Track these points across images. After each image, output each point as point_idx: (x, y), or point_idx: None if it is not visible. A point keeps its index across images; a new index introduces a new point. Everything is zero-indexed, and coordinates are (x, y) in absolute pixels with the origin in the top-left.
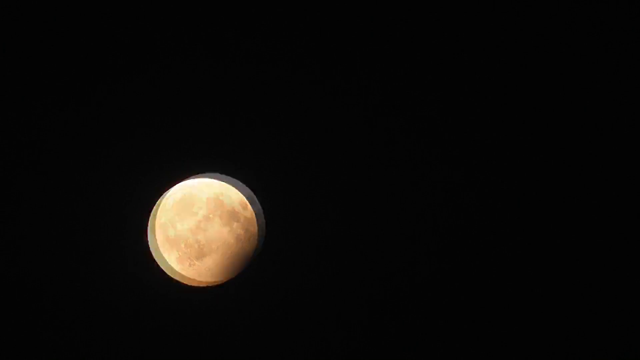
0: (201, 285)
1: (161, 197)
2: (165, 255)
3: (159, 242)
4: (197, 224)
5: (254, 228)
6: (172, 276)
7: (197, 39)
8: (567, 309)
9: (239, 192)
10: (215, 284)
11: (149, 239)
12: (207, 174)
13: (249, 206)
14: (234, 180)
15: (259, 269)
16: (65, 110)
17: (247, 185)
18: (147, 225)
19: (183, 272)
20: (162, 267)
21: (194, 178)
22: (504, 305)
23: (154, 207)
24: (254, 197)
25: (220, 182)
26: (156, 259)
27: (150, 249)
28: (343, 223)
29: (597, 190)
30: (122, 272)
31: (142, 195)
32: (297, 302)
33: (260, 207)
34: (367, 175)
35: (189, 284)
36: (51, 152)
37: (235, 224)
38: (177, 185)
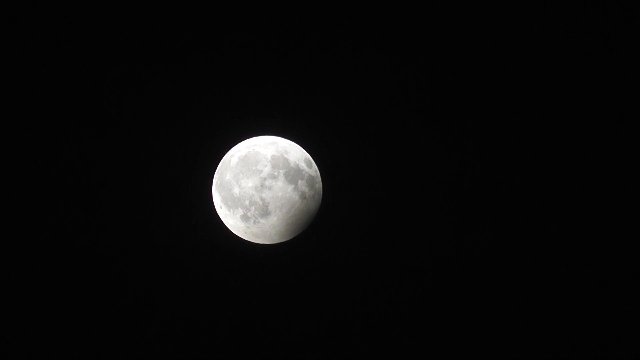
0: (265, 243)
1: (225, 155)
2: (230, 213)
3: (223, 200)
4: (261, 181)
5: (319, 185)
6: (236, 234)
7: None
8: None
9: (303, 150)
10: (280, 241)
11: (213, 197)
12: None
13: (314, 164)
14: (295, 144)
15: (324, 226)
16: (146, 74)
17: (307, 150)
18: (211, 183)
19: (247, 230)
20: (227, 225)
21: (257, 137)
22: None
23: (218, 165)
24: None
25: (284, 139)
26: (220, 216)
27: (215, 206)
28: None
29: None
30: (187, 230)
31: (207, 153)
32: (359, 259)
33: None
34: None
35: (254, 242)
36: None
37: (300, 182)
38: (240, 143)
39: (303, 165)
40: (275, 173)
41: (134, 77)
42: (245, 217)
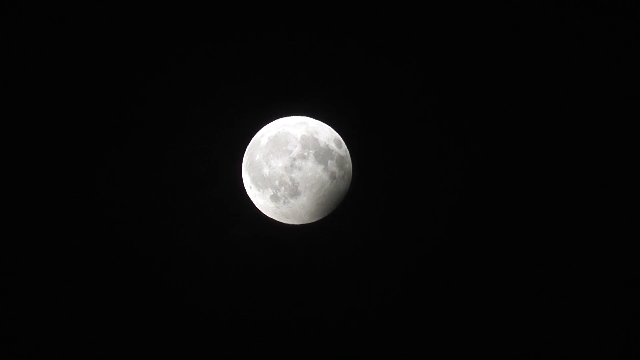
0: (295, 223)
1: (255, 135)
2: (260, 193)
3: (253, 180)
4: (291, 161)
5: (349, 166)
6: (266, 214)
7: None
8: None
9: (333, 130)
10: (310, 221)
11: (243, 177)
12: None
13: (344, 144)
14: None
15: (353, 206)
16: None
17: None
18: (241, 163)
19: (277, 210)
20: (257, 205)
21: (286, 117)
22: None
23: (248, 145)
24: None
25: (314, 119)
26: (250, 197)
27: (245, 186)
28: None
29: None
30: (217, 210)
31: (236, 133)
32: (389, 239)
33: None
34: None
35: (283, 222)
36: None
37: (329, 162)
38: (270, 123)
39: (333, 145)
40: (305, 153)
41: (165, 56)
42: (275, 197)
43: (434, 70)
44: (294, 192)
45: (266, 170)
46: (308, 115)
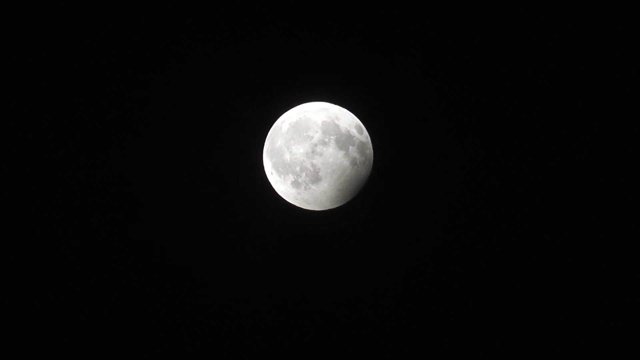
0: (316, 209)
1: (276, 122)
2: (281, 179)
3: (274, 166)
4: (312, 147)
5: (370, 152)
6: (287, 200)
7: None
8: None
9: (354, 116)
10: (331, 207)
11: (264, 163)
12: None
13: (365, 130)
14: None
15: (374, 192)
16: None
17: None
18: (262, 149)
19: (298, 196)
20: (278, 191)
21: (307, 103)
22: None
23: (269, 131)
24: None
25: (335, 105)
26: (271, 182)
27: (266, 173)
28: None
29: None
30: (237, 196)
31: (258, 119)
32: (410, 225)
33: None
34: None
35: (304, 208)
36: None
37: (351, 148)
38: (291, 109)
39: (354, 131)
40: (326, 139)
41: (185, 43)
42: (296, 183)
43: (459, 55)
44: (315, 178)
45: (287, 156)
46: (329, 101)
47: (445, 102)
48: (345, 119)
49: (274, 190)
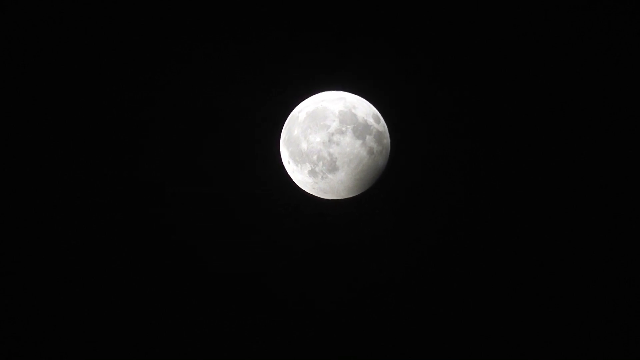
0: (333, 198)
1: (293, 111)
2: (298, 168)
3: (291, 155)
4: (329, 137)
5: (387, 141)
6: (304, 189)
7: None
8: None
9: (371, 105)
10: (348, 196)
11: (281, 152)
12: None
13: (382, 119)
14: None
15: (391, 182)
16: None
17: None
18: (279, 138)
19: (315, 185)
20: (295, 180)
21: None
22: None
23: (286, 120)
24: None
25: (353, 95)
26: (288, 172)
27: (283, 162)
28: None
29: None
30: (255, 185)
31: (274, 108)
32: (427, 214)
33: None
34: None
35: (321, 197)
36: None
37: (368, 137)
38: (309, 98)
39: (371, 120)
40: (343, 128)
41: (204, 34)
42: (313, 173)
43: (459, 55)
44: (332, 168)
45: (304, 145)
46: (347, 90)
47: (463, 93)
48: (363, 108)
49: (290, 179)
